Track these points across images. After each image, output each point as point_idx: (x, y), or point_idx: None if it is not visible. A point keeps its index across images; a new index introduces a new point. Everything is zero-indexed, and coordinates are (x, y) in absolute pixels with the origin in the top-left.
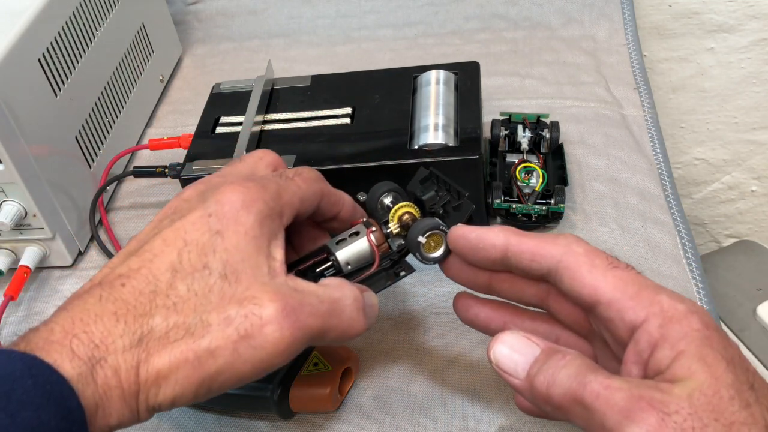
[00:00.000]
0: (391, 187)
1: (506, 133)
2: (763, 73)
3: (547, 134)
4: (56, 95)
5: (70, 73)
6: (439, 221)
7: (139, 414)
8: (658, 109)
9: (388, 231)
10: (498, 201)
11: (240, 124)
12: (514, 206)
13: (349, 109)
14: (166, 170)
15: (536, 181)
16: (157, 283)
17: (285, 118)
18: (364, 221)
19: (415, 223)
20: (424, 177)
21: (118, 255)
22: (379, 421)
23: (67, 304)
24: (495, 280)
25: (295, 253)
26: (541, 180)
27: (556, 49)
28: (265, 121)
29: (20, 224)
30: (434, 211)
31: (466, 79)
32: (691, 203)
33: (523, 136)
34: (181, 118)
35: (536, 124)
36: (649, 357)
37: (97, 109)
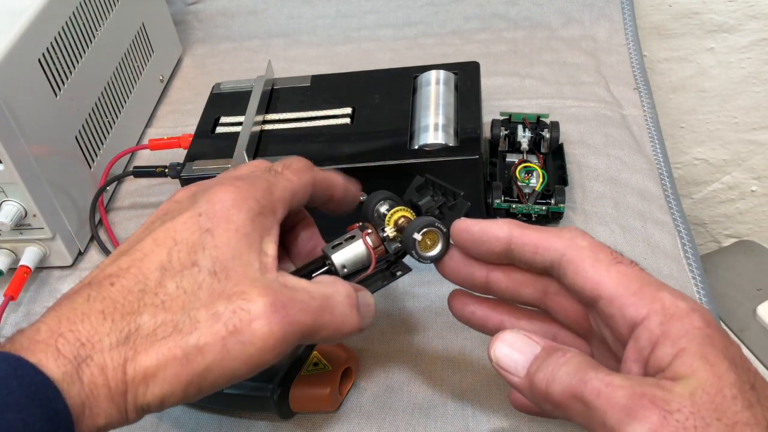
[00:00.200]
0: (386, 195)
1: (506, 133)
2: (763, 73)
3: (547, 134)
4: (56, 95)
5: (70, 73)
6: (434, 219)
7: (128, 414)
8: (658, 109)
9: (384, 235)
10: (498, 201)
11: (240, 124)
12: (514, 206)
13: (349, 109)
14: (166, 170)
15: (536, 181)
16: (146, 282)
17: (285, 118)
18: (359, 225)
19: (410, 222)
20: (420, 185)
21: (109, 256)
22: (379, 421)
23: (56, 305)
24: (492, 279)
25: (290, 259)
26: (541, 180)
27: (556, 49)
28: (265, 121)
29: (20, 224)
30: (431, 214)
31: (466, 79)
32: (691, 203)
33: (523, 136)
34: (181, 118)
35: (536, 124)
36: (649, 354)
37: (97, 109)
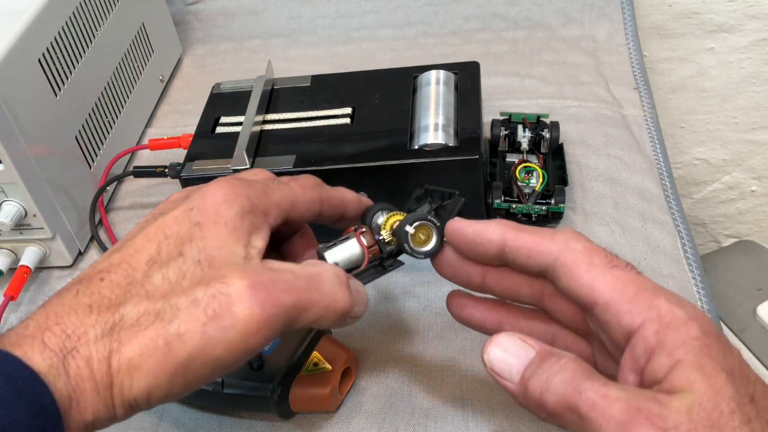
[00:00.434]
0: (385, 206)
1: (506, 133)
2: (763, 73)
3: (547, 134)
4: (56, 95)
5: (70, 73)
6: (427, 214)
7: (115, 410)
8: (658, 109)
9: (380, 238)
10: (498, 201)
11: (240, 124)
12: (514, 206)
13: (349, 109)
14: (166, 170)
15: (536, 181)
16: (134, 275)
17: (285, 118)
18: (354, 228)
19: (403, 218)
20: (419, 195)
21: (103, 255)
22: (379, 421)
23: (46, 302)
24: (489, 279)
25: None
26: (541, 180)
27: (556, 49)
28: (265, 121)
29: (20, 224)
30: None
31: (466, 79)
32: (691, 203)
33: (523, 136)
34: (181, 118)
35: (536, 124)
36: (645, 364)
37: (97, 109)
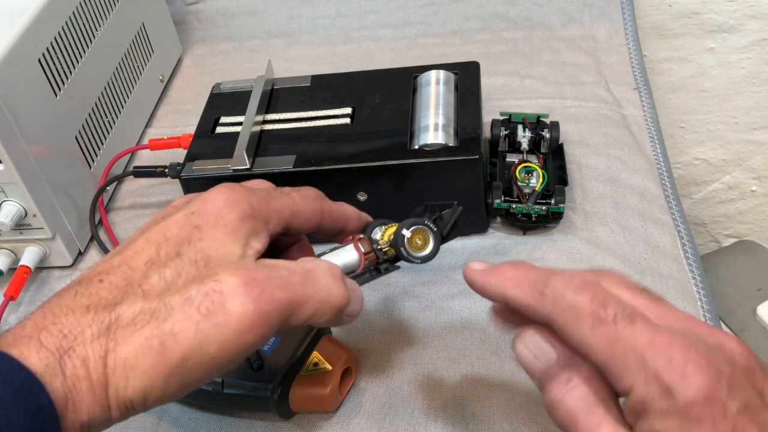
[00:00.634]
0: (383, 222)
1: (506, 133)
2: (763, 73)
3: (547, 134)
4: (56, 95)
5: (70, 73)
6: (424, 219)
7: (111, 411)
8: (658, 109)
9: (378, 248)
10: (498, 201)
11: (240, 124)
12: (514, 206)
13: (349, 109)
14: (166, 170)
15: (536, 181)
16: (133, 276)
17: (285, 118)
18: (351, 238)
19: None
20: (419, 212)
21: (104, 257)
22: (379, 421)
23: (44, 303)
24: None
25: None
26: (541, 180)
27: (556, 49)
28: (265, 121)
29: (20, 224)
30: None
31: (466, 79)
32: (691, 203)
33: (523, 136)
34: (181, 118)
35: (536, 124)
36: (635, 424)
37: (97, 109)
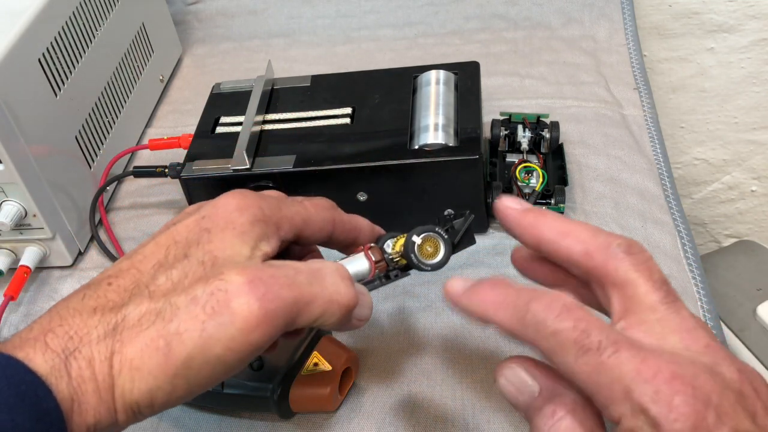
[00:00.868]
0: (395, 234)
1: (506, 133)
2: (763, 73)
3: (547, 134)
4: (56, 95)
5: (70, 73)
6: (435, 226)
7: (117, 414)
8: (658, 109)
9: (388, 257)
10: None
11: (240, 124)
12: None
13: (349, 109)
14: (166, 170)
15: (536, 181)
16: (141, 278)
17: (285, 118)
18: (362, 247)
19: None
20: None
21: (114, 262)
22: (379, 421)
23: (52, 306)
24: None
25: None
26: (541, 180)
27: (556, 49)
28: (265, 121)
29: (20, 224)
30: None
31: (466, 79)
32: (691, 203)
33: (523, 136)
34: (181, 118)
35: (536, 124)
36: None
37: (97, 109)
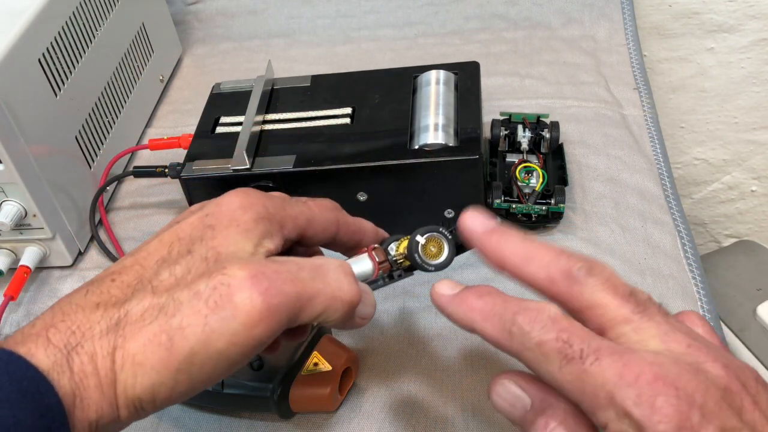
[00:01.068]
0: (399, 237)
1: (506, 133)
2: (763, 73)
3: (547, 134)
4: (56, 95)
5: (70, 73)
6: (439, 227)
7: (119, 409)
8: (658, 109)
9: (392, 259)
10: (498, 201)
11: (240, 124)
12: (514, 206)
13: (349, 109)
14: (166, 170)
15: (536, 181)
16: (144, 274)
17: (285, 118)
18: (366, 248)
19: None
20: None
21: (119, 260)
22: (379, 421)
23: (55, 303)
24: None
25: None
26: (541, 180)
27: (556, 49)
28: (265, 121)
29: (20, 224)
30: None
31: (466, 79)
32: (691, 203)
33: (523, 136)
34: (181, 118)
35: (536, 124)
36: None
37: (97, 109)
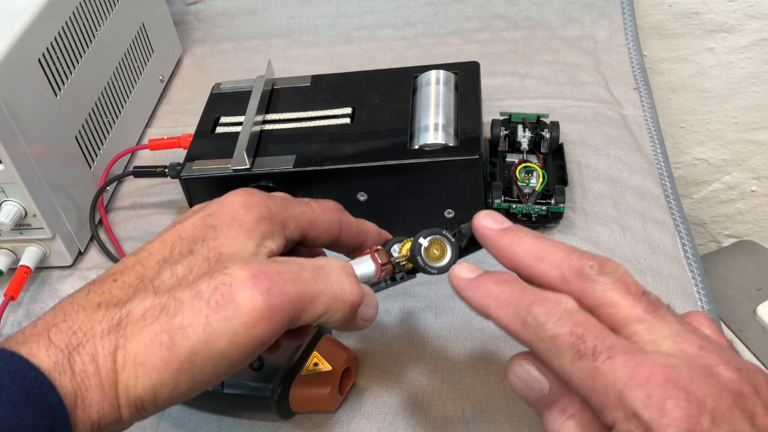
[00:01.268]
0: (402, 238)
1: (506, 133)
2: (763, 73)
3: (547, 134)
4: (56, 95)
5: (70, 73)
6: (442, 229)
7: (121, 410)
8: (658, 109)
9: (395, 261)
10: (498, 201)
11: (240, 124)
12: (514, 206)
13: (349, 109)
14: (166, 170)
15: (536, 181)
16: (146, 274)
17: (285, 118)
18: (369, 250)
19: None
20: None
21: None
22: (379, 421)
23: (57, 303)
24: None
25: None
26: (541, 180)
27: (556, 49)
28: (265, 121)
29: (20, 224)
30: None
31: (466, 79)
32: (691, 203)
33: (523, 136)
34: (181, 118)
35: (536, 124)
36: None
37: (97, 109)
